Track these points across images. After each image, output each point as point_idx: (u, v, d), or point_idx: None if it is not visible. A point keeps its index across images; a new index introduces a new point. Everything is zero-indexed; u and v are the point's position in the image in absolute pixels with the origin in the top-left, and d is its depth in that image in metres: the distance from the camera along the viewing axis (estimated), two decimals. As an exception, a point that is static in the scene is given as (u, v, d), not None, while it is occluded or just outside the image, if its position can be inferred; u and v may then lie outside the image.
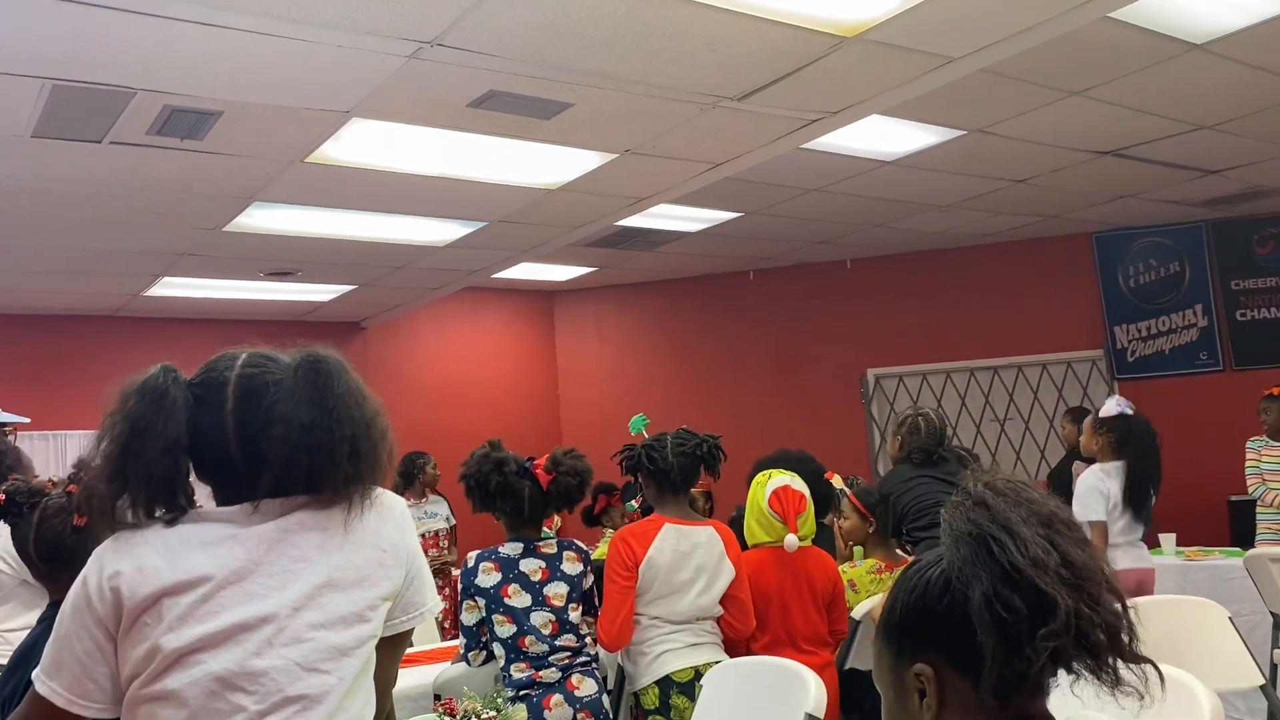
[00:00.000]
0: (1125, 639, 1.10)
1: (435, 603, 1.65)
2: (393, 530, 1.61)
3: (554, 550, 2.93)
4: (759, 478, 3.40)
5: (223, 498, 1.56)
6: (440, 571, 5.92)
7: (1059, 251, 7.91)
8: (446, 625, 5.29)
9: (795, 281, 8.50)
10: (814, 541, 4.22)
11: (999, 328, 7.99)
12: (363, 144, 4.52)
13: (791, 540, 3.18)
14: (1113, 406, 4.39)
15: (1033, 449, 7.88)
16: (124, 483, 1.49)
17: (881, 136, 5.23)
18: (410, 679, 3.48)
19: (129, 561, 1.47)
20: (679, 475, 3.15)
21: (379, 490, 1.61)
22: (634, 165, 5.01)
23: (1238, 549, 5.52)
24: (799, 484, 3.31)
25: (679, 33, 3.60)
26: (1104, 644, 1.08)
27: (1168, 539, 5.39)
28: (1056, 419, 7.86)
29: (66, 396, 7.10)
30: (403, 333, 8.58)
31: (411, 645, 4.22)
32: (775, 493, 3.28)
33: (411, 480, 5.96)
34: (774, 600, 3.20)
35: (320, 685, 1.47)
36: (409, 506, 5.98)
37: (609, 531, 5.25)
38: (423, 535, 5.90)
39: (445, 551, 6.01)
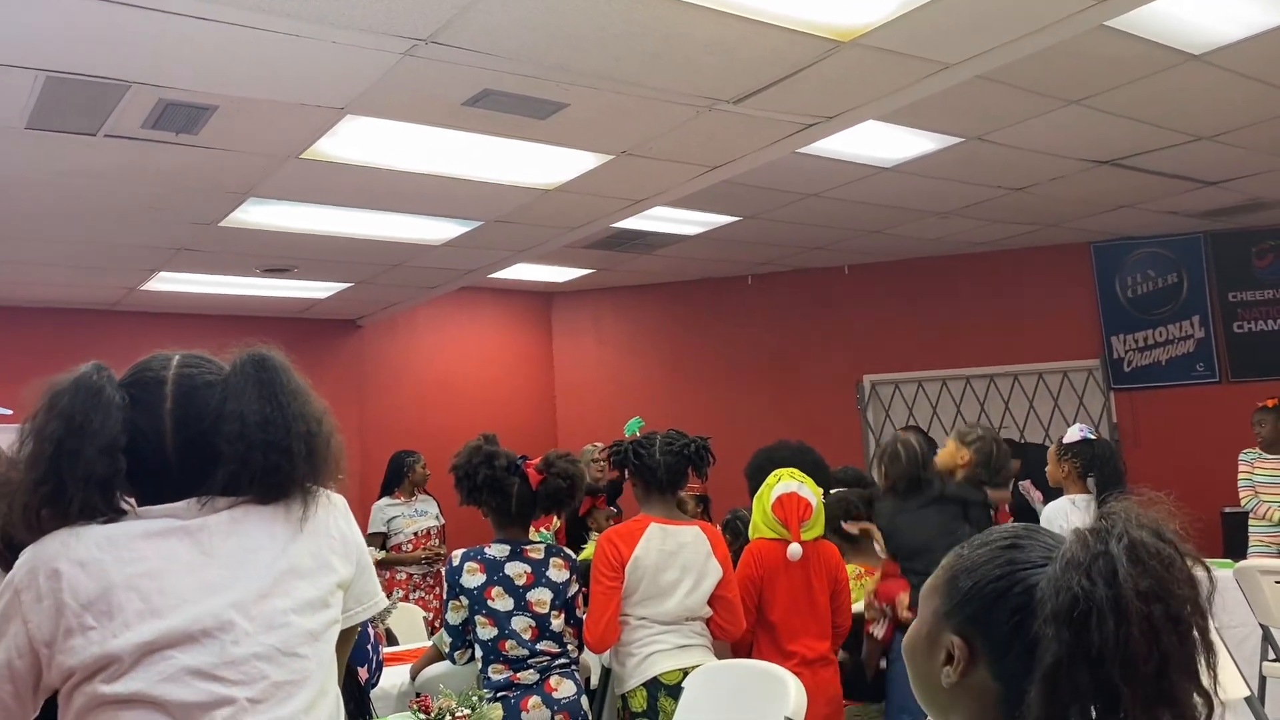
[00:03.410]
0: None
1: (383, 596, 1.65)
2: (341, 522, 1.60)
3: (541, 556, 2.92)
4: (769, 479, 3.41)
5: (151, 504, 1.50)
6: (432, 561, 5.89)
7: (1057, 260, 7.90)
8: (438, 624, 5.28)
9: (793, 287, 8.50)
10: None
11: (996, 336, 7.98)
12: (358, 141, 4.51)
13: (794, 550, 3.20)
14: (1075, 433, 4.36)
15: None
16: (57, 485, 1.41)
17: (879, 142, 5.23)
18: (395, 677, 3.47)
19: (66, 560, 1.39)
20: (665, 475, 3.15)
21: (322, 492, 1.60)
22: (630, 167, 5.01)
23: (1229, 560, 5.50)
24: (807, 490, 3.30)
25: (675, 35, 3.59)
26: None
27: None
28: (1053, 428, 7.85)
29: (61, 390, 7.10)
30: (399, 331, 8.58)
31: (398, 644, 4.23)
32: (780, 499, 3.30)
33: (400, 479, 5.96)
34: (781, 593, 3.21)
35: (301, 670, 1.45)
36: (399, 505, 6.01)
37: (594, 535, 5.23)
38: (413, 534, 5.89)
39: (437, 545, 5.99)
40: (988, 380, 8.04)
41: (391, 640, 4.17)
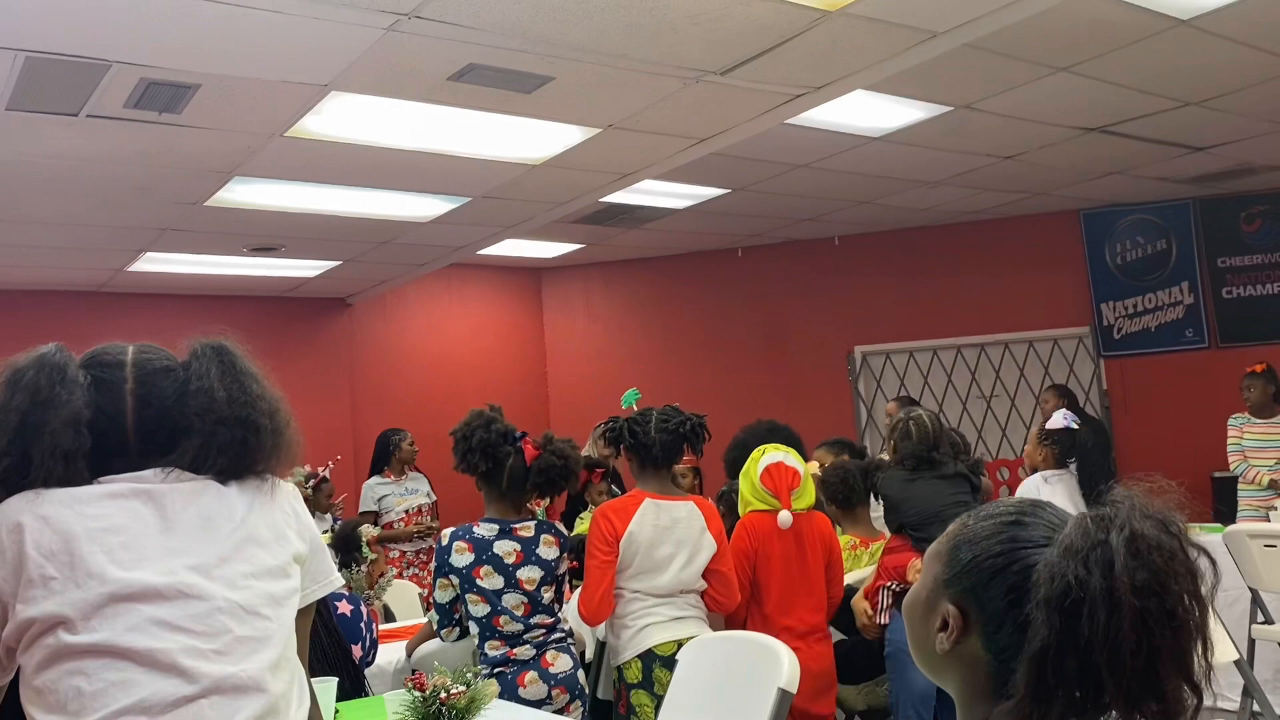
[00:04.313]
0: None
1: (338, 576, 1.69)
2: (295, 503, 1.65)
3: (531, 534, 2.91)
4: (754, 454, 3.43)
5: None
6: (425, 537, 5.89)
7: (1046, 228, 7.90)
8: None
9: (783, 259, 8.48)
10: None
11: (986, 305, 7.99)
12: (343, 118, 4.48)
13: (785, 517, 3.21)
14: (1059, 420, 4.38)
15: (1019, 426, 7.89)
16: (22, 457, 1.44)
17: (868, 112, 5.20)
18: (391, 654, 3.48)
19: (30, 514, 1.42)
20: (661, 451, 3.15)
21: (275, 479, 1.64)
22: (617, 140, 4.98)
23: (1219, 525, 5.54)
24: (793, 460, 3.32)
25: (660, 6, 3.56)
26: None
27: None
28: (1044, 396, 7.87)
29: (50, 373, 7.07)
30: (389, 309, 8.55)
31: (394, 620, 4.24)
32: (767, 469, 3.31)
33: (388, 458, 5.95)
34: (776, 564, 3.23)
35: (264, 629, 1.47)
36: (389, 483, 6.00)
37: (591, 510, 5.23)
38: (405, 512, 5.90)
39: (429, 520, 5.99)
40: (978, 349, 8.06)
41: (389, 617, 4.19)
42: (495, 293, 9.05)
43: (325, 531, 5.85)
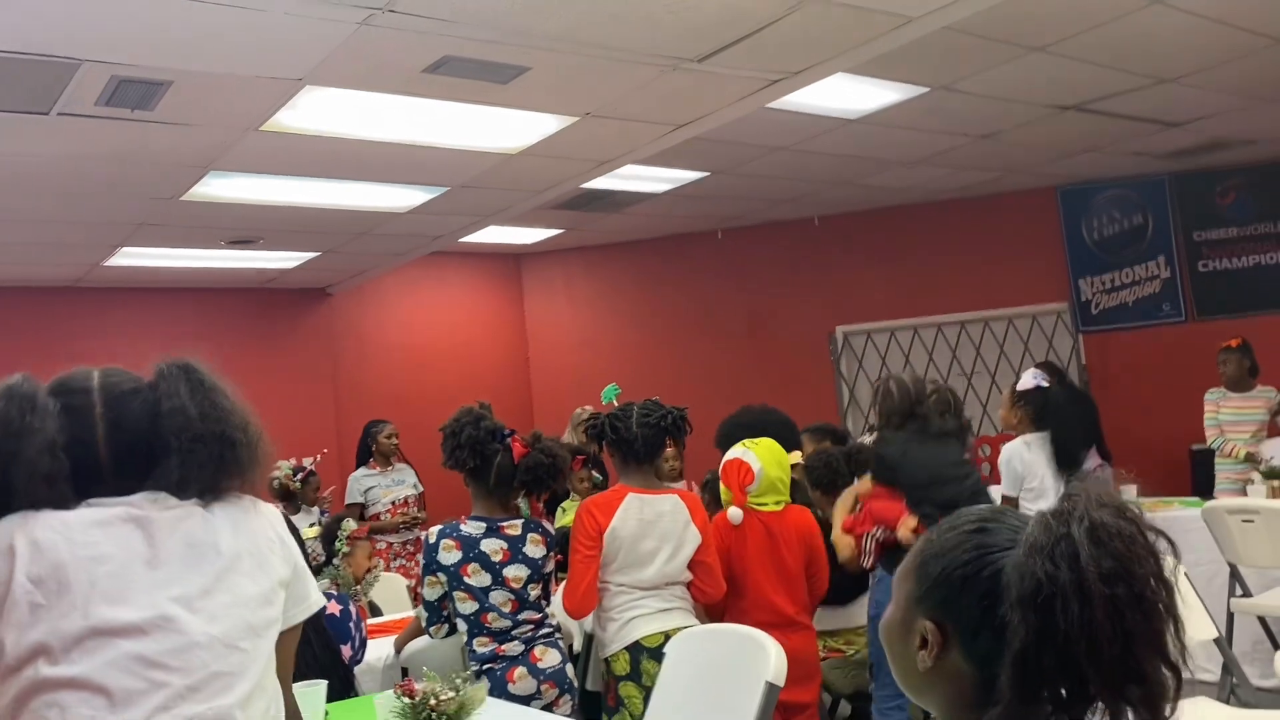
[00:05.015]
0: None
1: (319, 597, 1.70)
2: (278, 527, 1.66)
3: (518, 532, 2.92)
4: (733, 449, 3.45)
5: None
6: (412, 527, 5.88)
7: (1024, 205, 7.93)
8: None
9: (764, 240, 8.49)
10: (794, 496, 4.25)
11: (965, 282, 8.01)
12: (318, 111, 4.44)
13: (734, 513, 3.23)
14: (1029, 380, 4.40)
15: (999, 403, 7.92)
16: (2, 486, 1.44)
17: (846, 95, 5.20)
18: (380, 650, 3.49)
19: (22, 537, 1.42)
20: (643, 446, 3.16)
21: (255, 499, 1.66)
22: (595, 128, 4.96)
23: (1197, 499, 5.61)
24: (752, 455, 3.31)
25: (634, -4, 3.55)
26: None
27: (1128, 490, 5.45)
28: (1023, 372, 7.92)
29: (27, 369, 7.00)
30: (369, 298, 8.51)
31: (381, 615, 4.25)
32: (724, 466, 3.34)
33: (369, 450, 5.94)
34: (749, 560, 3.23)
35: (240, 663, 1.49)
36: (374, 475, 5.98)
37: (574, 497, 5.25)
38: (391, 503, 5.89)
39: (415, 511, 5.98)
40: (959, 327, 8.09)
41: (375, 611, 4.19)
42: (475, 279, 9.02)
43: (312, 525, 5.84)
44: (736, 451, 3.37)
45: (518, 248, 8.78)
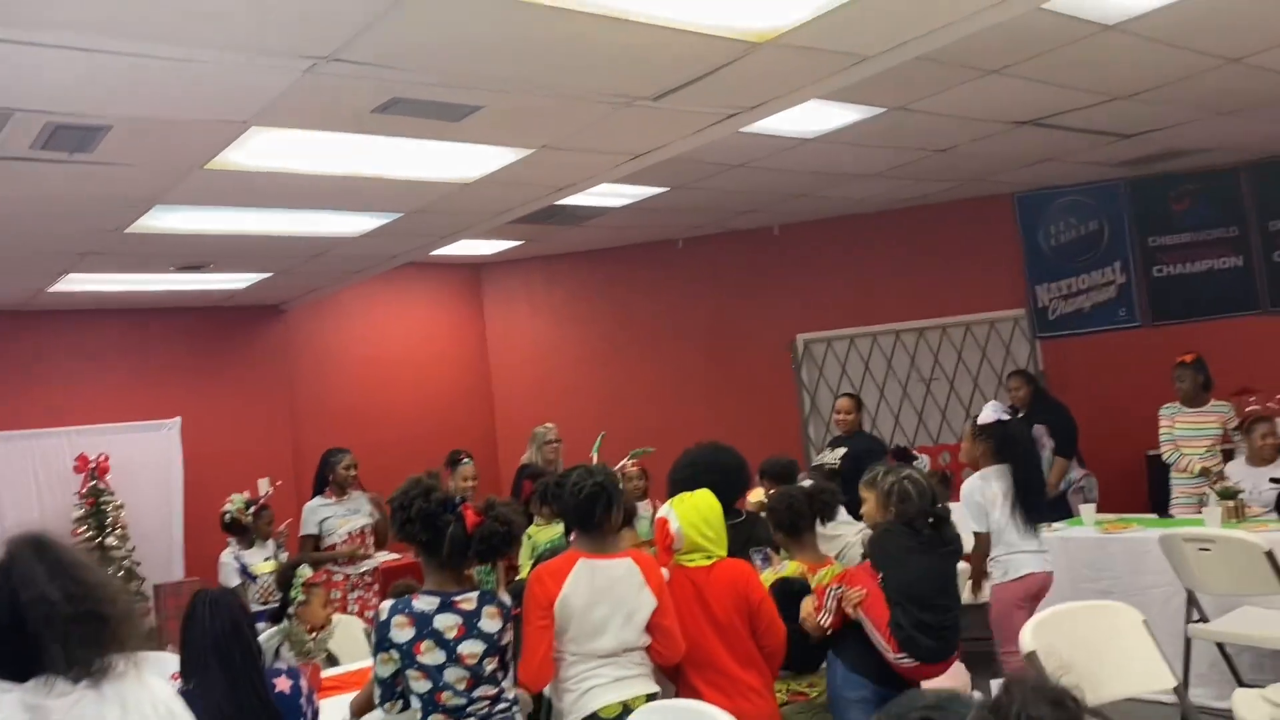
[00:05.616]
0: None
1: None
2: (169, 699, 1.66)
3: (473, 606, 2.85)
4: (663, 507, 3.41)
5: None
6: (352, 560, 5.76)
7: (981, 213, 7.95)
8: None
9: (724, 249, 8.46)
10: (749, 532, 4.19)
11: (923, 289, 8.04)
12: (266, 149, 4.34)
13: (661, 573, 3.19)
14: (989, 413, 4.38)
15: (958, 408, 7.99)
16: None
17: (803, 116, 5.16)
18: (335, 712, 3.42)
19: None
20: (575, 517, 3.12)
21: (142, 653, 1.64)
22: (552, 158, 4.89)
23: (1155, 517, 5.67)
24: (673, 514, 3.27)
25: (584, 43, 3.48)
26: None
27: (1087, 510, 5.51)
28: (981, 378, 7.98)
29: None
30: (325, 313, 8.37)
31: (338, 664, 4.18)
32: (655, 523, 3.31)
33: (326, 479, 5.83)
34: (683, 621, 3.16)
35: None
36: (330, 505, 5.86)
37: (536, 524, 5.20)
38: (347, 534, 5.79)
39: (365, 548, 5.85)
40: (917, 334, 8.12)
41: (332, 661, 4.13)
42: (435, 290, 8.91)
43: (268, 559, 5.75)
44: (663, 510, 3.33)
45: (477, 258, 8.68)
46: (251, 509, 5.61)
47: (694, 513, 3.29)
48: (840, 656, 3.39)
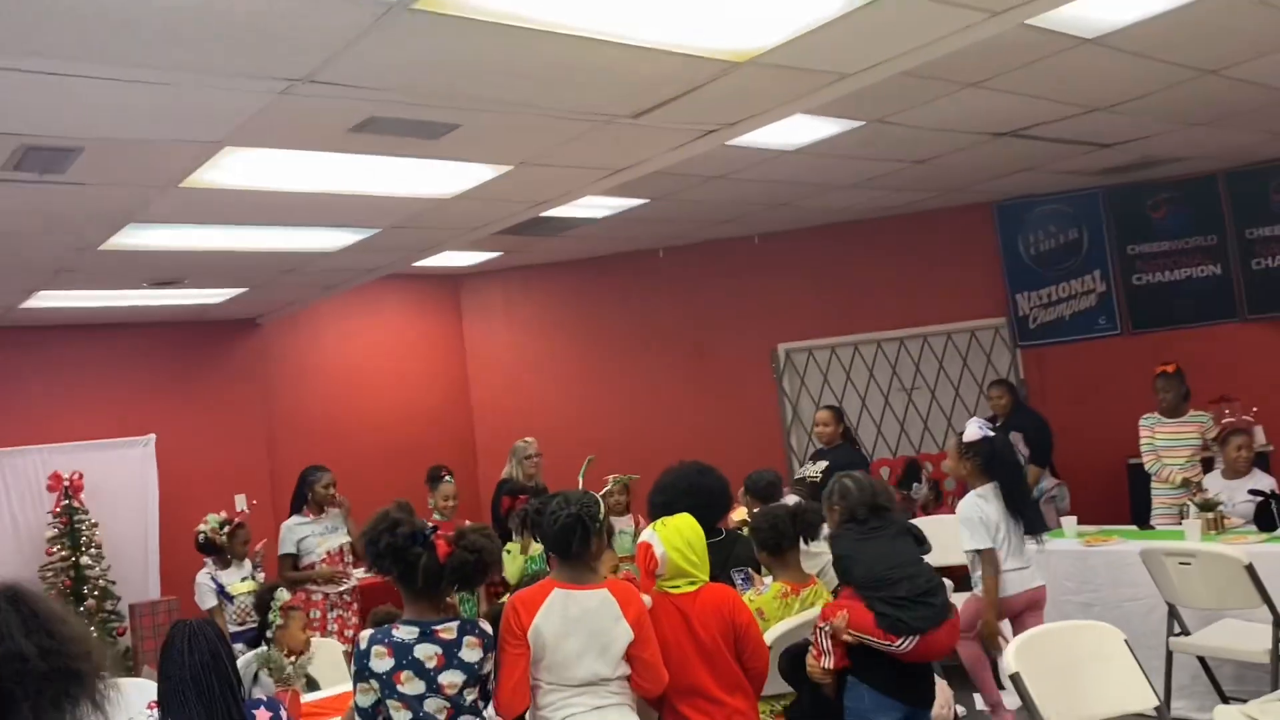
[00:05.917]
0: None
1: None
2: None
3: (453, 635, 2.82)
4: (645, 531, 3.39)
5: None
6: (331, 580, 5.71)
7: (961, 222, 7.97)
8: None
9: (704, 259, 8.44)
10: (730, 550, 4.17)
11: (904, 298, 8.05)
12: (242, 167, 4.28)
13: (644, 599, 3.17)
14: (975, 430, 4.37)
15: (939, 418, 8.00)
16: None
17: (782, 129, 5.12)
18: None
19: None
20: (554, 545, 3.08)
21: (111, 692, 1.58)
22: (530, 174, 4.86)
23: (1135, 528, 5.68)
24: (656, 539, 3.24)
25: (563, 64, 3.46)
26: None
27: (1069, 522, 5.52)
28: (962, 387, 8.00)
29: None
30: (302, 326, 8.28)
31: (318, 688, 4.13)
32: (638, 547, 3.28)
33: (305, 497, 5.77)
34: (667, 647, 3.14)
35: None
36: (308, 524, 5.81)
37: (514, 544, 5.16)
38: (326, 553, 5.73)
39: (344, 568, 5.79)
40: (898, 343, 8.13)
41: (313, 686, 4.07)
42: (412, 302, 8.84)
43: (245, 579, 5.68)
44: (646, 535, 3.30)
45: (456, 269, 8.63)
46: (226, 528, 5.54)
47: (677, 537, 3.26)
48: (867, 682, 3.36)
